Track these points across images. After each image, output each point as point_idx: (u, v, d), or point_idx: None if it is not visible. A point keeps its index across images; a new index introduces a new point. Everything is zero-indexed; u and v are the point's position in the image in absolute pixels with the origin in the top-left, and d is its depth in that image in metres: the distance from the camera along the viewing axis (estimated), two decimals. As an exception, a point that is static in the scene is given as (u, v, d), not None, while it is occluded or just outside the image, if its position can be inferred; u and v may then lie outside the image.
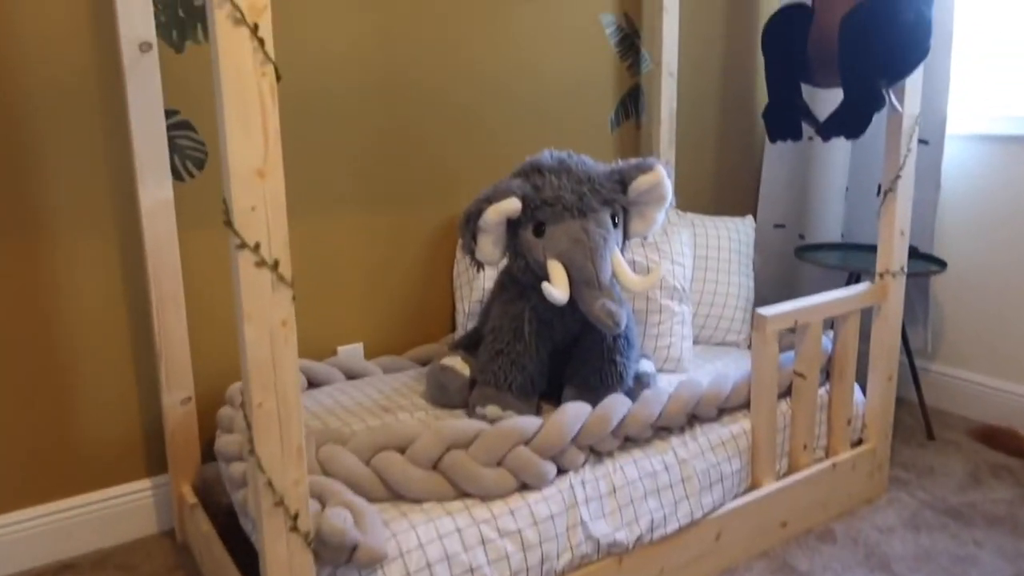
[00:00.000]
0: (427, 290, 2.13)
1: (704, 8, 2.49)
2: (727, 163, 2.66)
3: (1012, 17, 2.31)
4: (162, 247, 1.65)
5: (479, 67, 2.10)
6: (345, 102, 1.92)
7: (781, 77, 1.70)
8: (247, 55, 0.95)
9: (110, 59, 1.63)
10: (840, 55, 1.52)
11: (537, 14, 2.17)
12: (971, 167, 2.35)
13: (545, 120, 2.24)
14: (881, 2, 1.47)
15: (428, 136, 2.05)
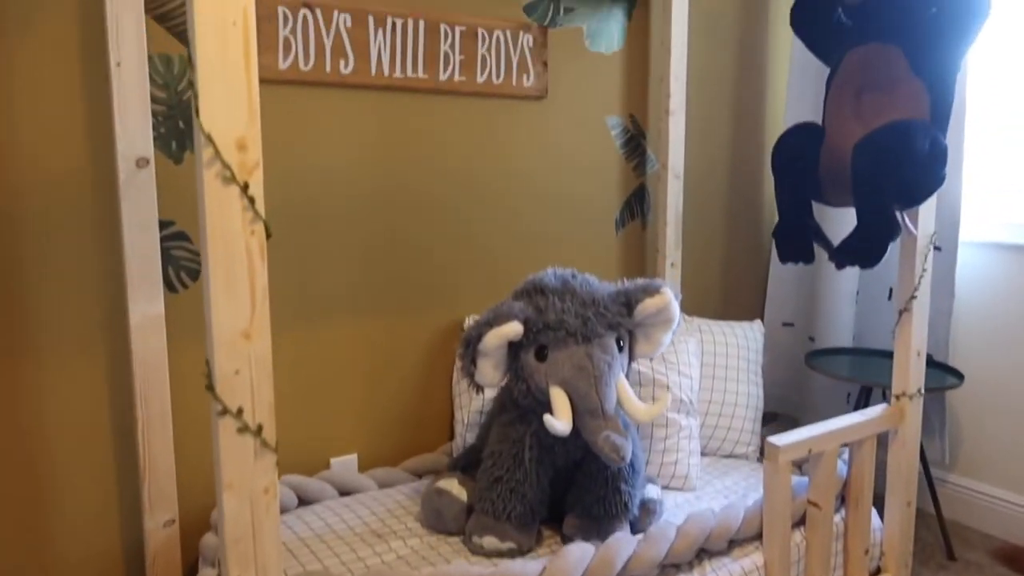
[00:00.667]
0: (425, 398, 2.06)
1: (710, 112, 2.48)
2: (734, 264, 2.61)
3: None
4: (150, 365, 1.59)
5: (481, 172, 2.07)
6: (342, 210, 1.88)
7: (792, 197, 1.66)
8: (236, 214, 0.90)
9: (105, 175, 1.60)
10: (853, 183, 1.48)
11: (542, 117, 2.15)
12: (987, 275, 2.29)
13: (549, 221, 2.20)
14: (895, 131, 1.44)
15: (426, 242, 2.01)
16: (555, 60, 2.15)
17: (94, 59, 1.57)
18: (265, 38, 1.73)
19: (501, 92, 2.05)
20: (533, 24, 2.09)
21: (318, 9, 1.78)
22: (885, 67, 1.53)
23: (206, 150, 0.88)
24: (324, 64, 1.80)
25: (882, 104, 1.52)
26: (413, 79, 1.92)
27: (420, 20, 1.91)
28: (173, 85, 1.65)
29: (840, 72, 1.61)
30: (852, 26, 1.62)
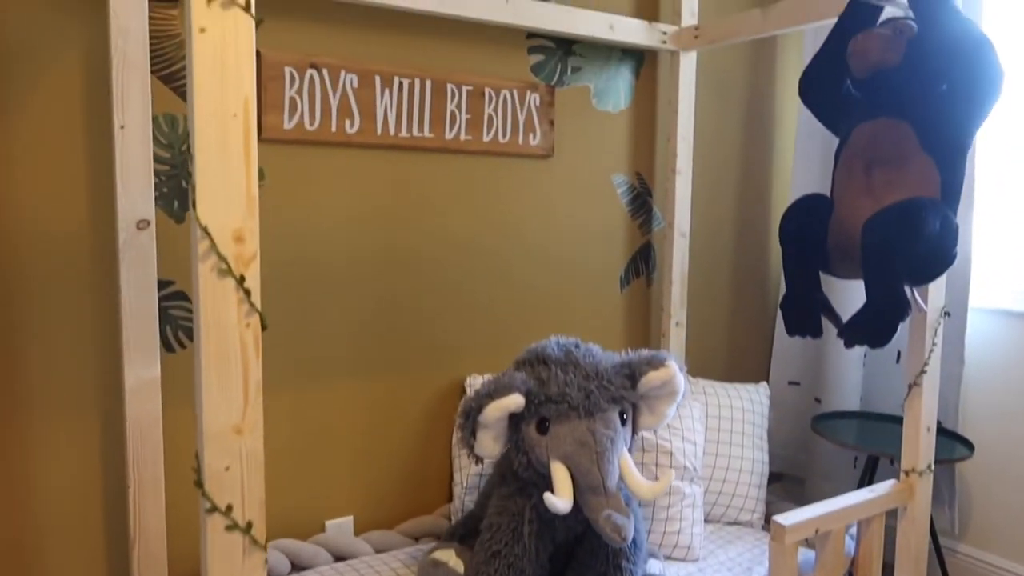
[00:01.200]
0: (423, 459, 2.02)
1: (717, 171, 2.47)
2: (740, 323, 2.58)
3: (1033, 190, 2.27)
4: (144, 429, 1.56)
5: (485, 230, 2.05)
6: (344, 267, 1.86)
7: (799, 269, 1.63)
8: (231, 307, 0.88)
9: (105, 236, 1.58)
10: (863, 261, 1.46)
11: (548, 175, 2.13)
12: (998, 342, 2.26)
13: (552, 279, 2.18)
14: (905, 209, 1.41)
15: (428, 301, 1.99)
16: (562, 119, 2.15)
17: (98, 121, 1.56)
18: (271, 98, 1.72)
19: (507, 151, 2.04)
20: (540, 83, 2.08)
21: (325, 70, 1.78)
22: (895, 143, 1.51)
23: (202, 243, 0.86)
24: (330, 124, 1.79)
25: (892, 180, 1.50)
26: (419, 138, 1.91)
27: (427, 80, 1.90)
28: (177, 145, 1.64)
29: (849, 145, 1.59)
30: (861, 99, 1.60)
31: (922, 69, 1.50)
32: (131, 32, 1.48)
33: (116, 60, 1.47)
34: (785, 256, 1.66)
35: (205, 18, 0.84)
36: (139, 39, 1.49)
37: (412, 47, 1.90)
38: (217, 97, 0.85)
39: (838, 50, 1.64)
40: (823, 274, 1.68)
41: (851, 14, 1.63)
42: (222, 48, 0.85)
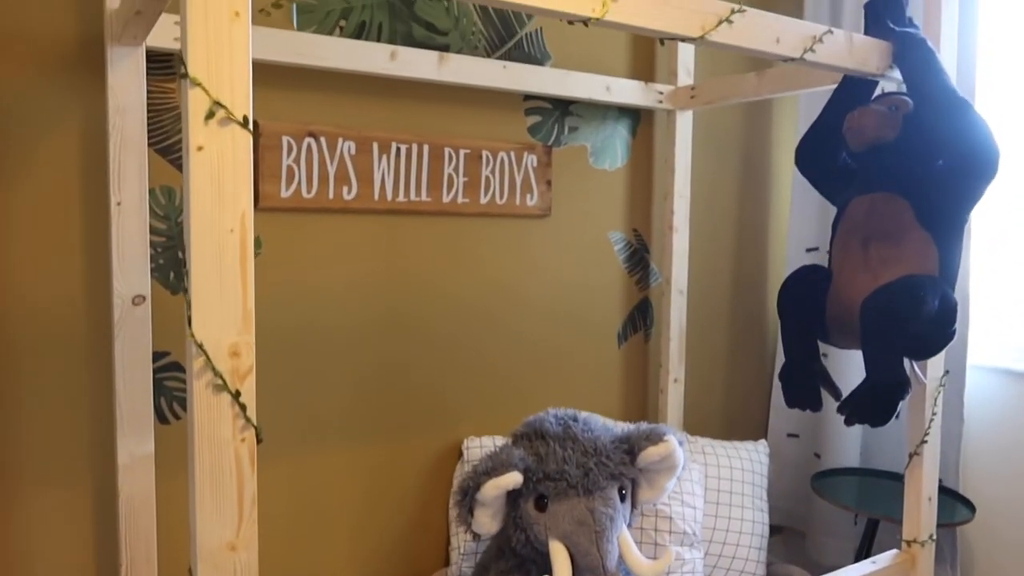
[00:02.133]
0: (421, 522, 2.00)
1: (714, 227, 2.47)
2: (738, 377, 2.57)
3: (1029, 247, 2.27)
4: (137, 505, 1.54)
5: (482, 291, 2.05)
6: (341, 331, 1.85)
7: (798, 340, 1.63)
8: (226, 422, 0.87)
9: (100, 311, 1.58)
10: (862, 339, 1.45)
11: (545, 235, 2.13)
12: (998, 401, 2.25)
13: (550, 337, 2.17)
14: (904, 289, 1.41)
15: (425, 363, 1.98)
16: (559, 178, 2.15)
17: (95, 196, 1.56)
18: (268, 167, 1.72)
19: (505, 212, 2.04)
20: (538, 144, 2.09)
21: (323, 138, 1.78)
22: (892, 217, 1.51)
23: (197, 360, 0.85)
24: (327, 191, 1.79)
25: (890, 256, 1.50)
26: (416, 202, 1.91)
27: (425, 145, 1.91)
28: (173, 216, 1.64)
29: (846, 218, 1.60)
30: (858, 171, 1.61)
31: (918, 145, 1.50)
32: (129, 110, 1.48)
33: (113, 138, 1.47)
34: (783, 328, 1.65)
35: (202, 136, 0.84)
36: (137, 117, 1.49)
37: (410, 113, 1.90)
38: (214, 213, 0.85)
39: (834, 122, 1.64)
40: (822, 343, 1.68)
41: (846, 88, 1.64)
42: (219, 165, 0.85)
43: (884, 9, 1.57)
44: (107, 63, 1.47)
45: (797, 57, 1.38)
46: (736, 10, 1.28)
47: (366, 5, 1.83)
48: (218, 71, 0.84)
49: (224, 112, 0.85)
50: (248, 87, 0.86)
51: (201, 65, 0.84)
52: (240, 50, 0.85)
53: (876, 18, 1.57)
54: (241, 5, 0.85)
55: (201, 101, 0.84)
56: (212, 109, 0.84)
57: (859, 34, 1.48)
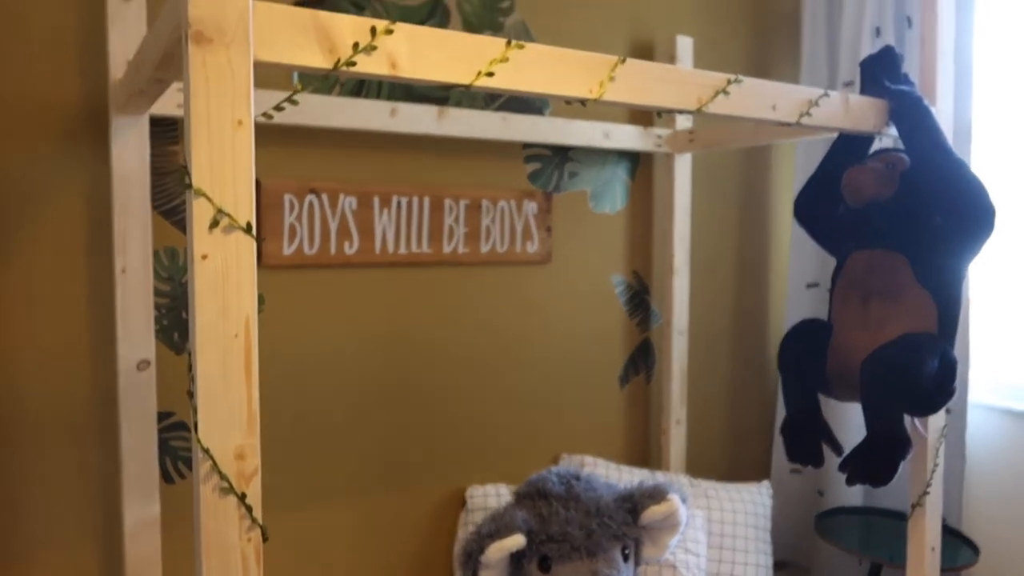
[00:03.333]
0: (425, 574, 2.00)
1: (714, 268, 2.48)
2: (740, 417, 2.58)
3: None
4: (144, 568, 1.55)
5: (483, 339, 2.06)
6: (342, 386, 1.86)
7: (799, 395, 1.63)
8: (233, 523, 0.88)
9: (105, 377, 1.59)
10: (862, 398, 1.46)
11: (545, 280, 2.15)
12: (1000, 440, 2.25)
13: (552, 382, 2.17)
14: (903, 349, 1.42)
15: (427, 414, 1.98)
16: (559, 224, 2.16)
17: (99, 263, 1.57)
18: (271, 226, 1.73)
19: (505, 260, 2.06)
20: (538, 191, 2.10)
21: (324, 194, 1.79)
22: (890, 274, 1.52)
23: (204, 464, 0.86)
24: (329, 246, 1.81)
25: (889, 314, 1.51)
26: (417, 254, 1.92)
27: (425, 197, 1.92)
28: (178, 277, 1.65)
29: (845, 273, 1.60)
30: (856, 225, 1.62)
31: (915, 203, 1.51)
32: (132, 178, 1.49)
33: (117, 206, 1.48)
34: (784, 382, 1.66)
35: (207, 244, 0.85)
36: (140, 184, 1.50)
37: (410, 166, 1.92)
38: (218, 319, 0.86)
39: (832, 176, 1.66)
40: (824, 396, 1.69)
41: (843, 140, 1.65)
42: (224, 272, 0.86)
43: (880, 67, 1.58)
44: (111, 132, 1.48)
45: (794, 122, 1.40)
46: (732, 80, 1.30)
47: (366, 61, 1.85)
48: (221, 180, 0.86)
49: (228, 220, 0.86)
50: (251, 194, 0.87)
51: (204, 175, 0.85)
52: (243, 157, 0.87)
53: (872, 76, 1.59)
54: (244, 113, 0.87)
55: (205, 210, 0.85)
56: (216, 218, 0.85)
57: (855, 94, 1.50)
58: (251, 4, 0.87)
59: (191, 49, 0.84)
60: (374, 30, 0.95)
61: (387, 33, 0.96)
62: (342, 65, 0.94)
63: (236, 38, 0.86)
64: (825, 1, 2.47)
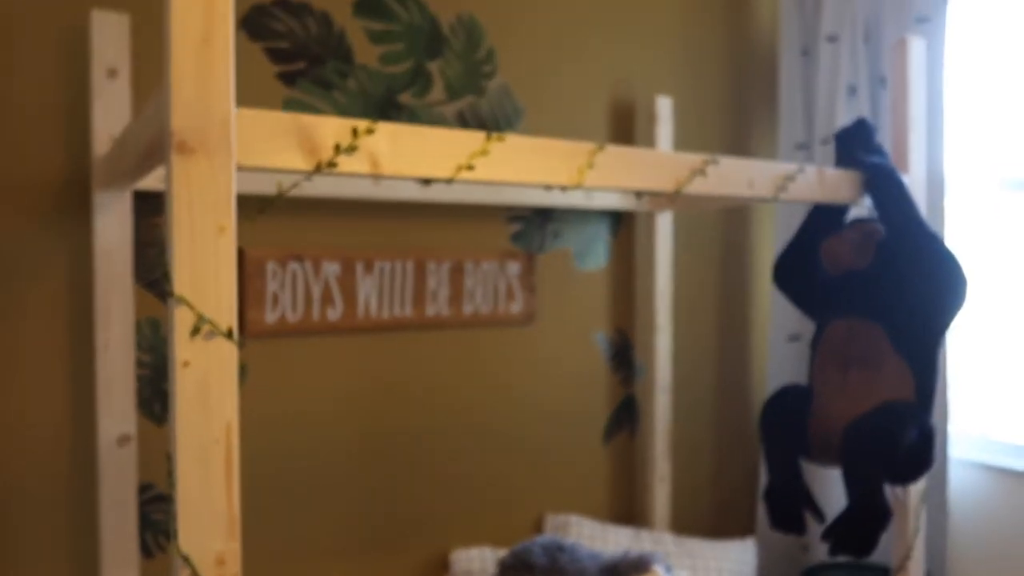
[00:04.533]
0: (410, 639, 1.98)
1: (697, 325, 2.50)
2: (724, 473, 2.58)
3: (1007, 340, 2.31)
4: (122, 647, 1.53)
5: (466, 400, 2.06)
6: (325, 456, 1.85)
7: (781, 460, 1.64)
8: (212, 630, 0.87)
9: (85, 453, 1.58)
10: (842, 469, 1.47)
11: (529, 340, 2.15)
12: (982, 497, 2.27)
13: (537, 440, 2.17)
14: (882, 419, 1.44)
15: (412, 476, 1.98)
16: (542, 282, 2.18)
17: (80, 338, 1.57)
18: (253, 294, 1.74)
19: (488, 321, 2.06)
20: (520, 252, 2.12)
21: (307, 261, 1.80)
22: (869, 344, 1.55)
23: (183, 572, 0.85)
24: (312, 312, 1.81)
25: (868, 383, 1.53)
26: (400, 317, 1.93)
27: (408, 261, 1.93)
28: (159, 348, 1.65)
29: (825, 341, 1.63)
30: (836, 295, 1.64)
31: (891, 273, 1.54)
32: (115, 253, 1.50)
33: (100, 281, 1.49)
34: (766, 449, 1.67)
35: (188, 352, 0.85)
36: (123, 259, 1.50)
37: (393, 231, 1.93)
38: (200, 425, 0.86)
39: (809, 245, 1.68)
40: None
41: (819, 212, 1.68)
42: (205, 378, 0.86)
43: (854, 139, 1.62)
44: (94, 207, 1.49)
45: (770, 197, 1.42)
46: (709, 161, 1.32)
47: (349, 128, 1.87)
48: (203, 286, 0.86)
49: (210, 326, 0.86)
50: (233, 299, 0.88)
51: (187, 283, 0.86)
52: (225, 263, 0.88)
53: (847, 148, 1.62)
54: (226, 219, 0.87)
55: (187, 318, 0.85)
56: (198, 324, 0.86)
57: (830, 168, 1.53)
58: (234, 111, 0.89)
59: (174, 159, 0.85)
60: (355, 131, 0.97)
61: (368, 133, 0.98)
62: (324, 166, 0.95)
63: (219, 146, 0.87)
64: (801, 61, 2.52)
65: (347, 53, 1.87)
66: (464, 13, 2.04)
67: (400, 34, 1.94)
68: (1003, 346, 2.33)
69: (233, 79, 0.88)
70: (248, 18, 1.75)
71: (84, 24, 1.56)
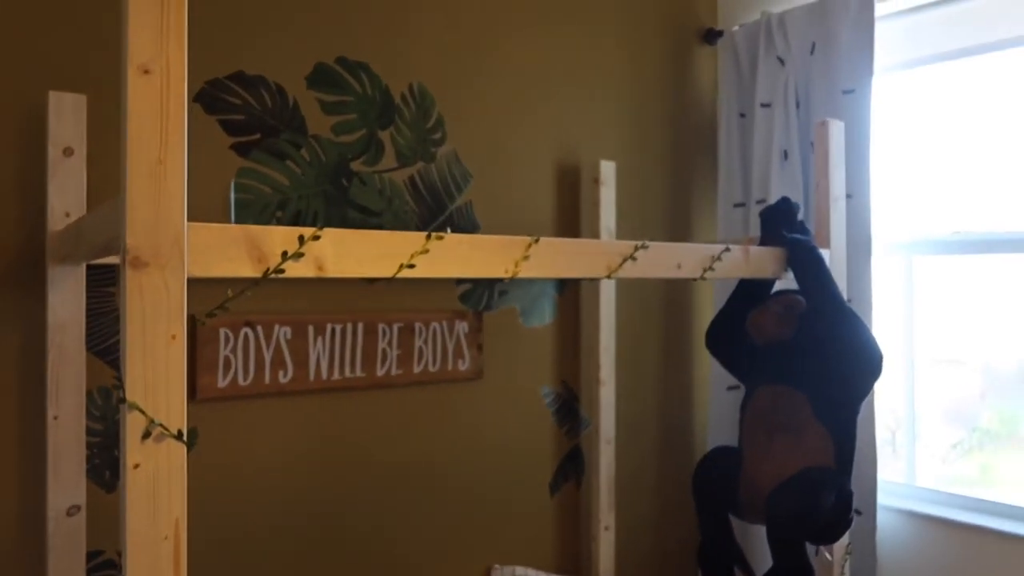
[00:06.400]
0: None
1: (640, 379, 2.59)
2: (669, 521, 2.66)
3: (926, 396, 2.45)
4: None
5: (417, 456, 2.11)
6: (279, 516, 1.89)
7: (712, 521, 1.73)
8: None
9: (33, 524, 1.60)
10: (767, 531, 1.57)
11: (477, 396, 2.22)
12: (910, 543, 2.38)
13: (486, 493, 2.23)
14: (804, 485, 1.54)
15: (365, 533, 2.02)
16: (490, 340, 2.25)
17: (31, 410, 1.59)
18: (206, 360, 1.78)
19: (437, 379, 2.13)
20: (468, 311, 2.19)
21: (259, 326, 1.85)
22: (792, 411, 1.65)
23: (131, 665, 0.90)
24: (263, 376, 1.86)
25: (791, 449, 1.62)
26: (351, 378, 1.98)
27: (359, 323, 1.99)
28: (110, 417, 1.68)
29: (752, 406, 1.73)
30: (763, 362, 1.75)
31: (813, 345, 1.65)
32: (68, 326, 1.53)
33: (52, 354, 1.52)
34: (698, 508, 1.76)
35: (139, 455, 0.91)
36: (76, 332, 1.54)
37: (344, 294, 1.99)
38: (149, 523, 0.91)
39: (737, 314, 1.79)
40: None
41: (746, 285, 1.79)
42: (155, 479, 0.91)
43: (778, 217, 1.73)
44: (48, 281, 1.53)
45: (698, 277, 1.52)
46: (639, 247, 1.41)
47: (302, 195, 1.93)
48: (155, 392, 0.92)
49: (160, 429, 0.92)
50: (183, 401, 0.94)
51: (139, 388, 0.91)
52: (176, 368, 0.93)
53: (771, 225, 1.73)
54: (177, 328, 0.93)
55: (138, 422, 0.91)
56: (148, 429, 0.91)
57: (755, 247, 1.63)
58: (185, 226, 0.95)
59: (128, 273, 0.91)
60: (302, 238, 1.04)
61: (314, 239, 1.05)
62: (271, 273, 1.02)
63: (171, 260, 0.93)
64: (738, 126, 2.66)
65: (301, 124, 1.94)
66: (415, 83, 2.12)
67: (353, 104, 2.02)
68: (927, 398, 2.46)
69: (185, 196, 0.94)
70: (203, 92, 1.81)
71: (42, 103, 1.60)
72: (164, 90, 0.93)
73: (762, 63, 2.57)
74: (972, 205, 2.38)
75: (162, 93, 0.93)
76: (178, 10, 0.94)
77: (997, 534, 2.18)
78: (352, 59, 2.02)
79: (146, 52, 0.93)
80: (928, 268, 2.45)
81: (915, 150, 2.50)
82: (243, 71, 1.87)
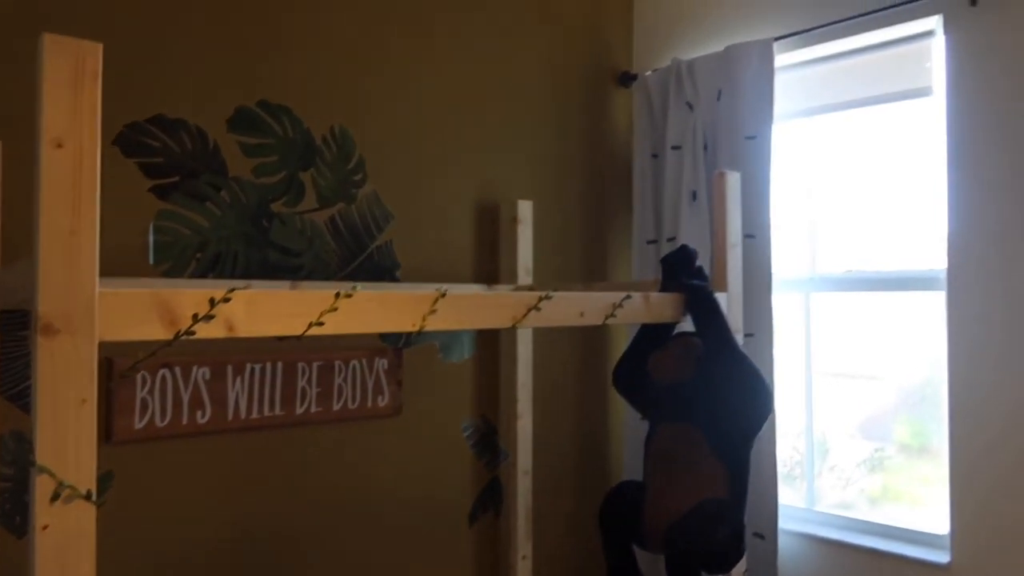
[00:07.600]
0: None
1: (557, 411, 2.67)
2: (586, 549, 2.75)
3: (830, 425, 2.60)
4: None
5: (337, 492, 2.15)
6: (198, 554, 1.90)
7: (617, 551, 1.82)
8: None
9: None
10: (665, 561, 1.66)
11: (397, 431, 2.27)
12: (810, 568, 2.52)
13: (406, 524, 2.28)
14: (699, 519, 1.64)
15: (288, 568, 2.05)
16: (410, 376, 2.31)
17: (-61, 451, 1.58)
18: (122, 401, 1.79)
19: (356, 415, 2.17)
20: (388, 348, 2.25)
21: (177, 367, 1.87)
22: (690, 448, 1.75)
23: None
24: (181, 416, 1.87)
25: (688, 484, 1.73)
26: (270, 417, 2.02)
27: (279, 363, 2.03)
28: (22, 461, 1.68)
29: (654, 443, 1.83)
30: (664, 400, 1.85)
31: (709, 386, 1.76)
32: (-22, 374, 1.53)
33: (-39, 402, 1.52)
34: (604, 539, 1.85)
35: (47, 516, 0.94)
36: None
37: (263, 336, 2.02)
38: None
39: (640, 356, 1.89)
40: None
41: (647, 328, 1.90)
42: (64, 541, 0.95)
43: (677, 264, 1.85)
44: (-43, 328, 1.53)
45: (600, 323, 1.61)
46: (543, 297, 1.50)
47: (222, 237, 1.96)
48: (64, 455, 0.95)
49: (69, 490, 0.95)
50: (93, 463, 0.97)
51: (48, 451, 0.94)
52: (86, 431, 0.97)
53: (671, 272, 1.85)
54: (87, 392, 0.97)
55: (47, 485, 0.94)
56: (57, 491, 0.94)
57: (655, 293, 1.74)
58: (97, 292, 0.99)
59: (39, 340, 0.94)
60: (212, 300, 1.09)
61: (224, 301, 1.10)
62: (182, 335, 1.06)
63: (82, 326, 0.97)
64: (651, 166, 2.79)
65: (221, 166, 1.98)
66: (336, 125, 2.18)
67: (273, 147, 2.06)
68: (827, 426, 2.61)
69: (97, 264, 0.98)
70: (122, 135, 1.83)
71: (-47, 148, 1.60)
72: (77, 163, 0.98)
73: (672, 107, 2.70)
74: (863, 245, 2.55)
75: (75, 166, 0.97)
76: (91, 86, 0.99)
77: (893, 557, 2.32)
78: (274, 102, 2.07)
79: (59, 126, 0.97)
80: (824, 303, 2.62)
81: (813, 193, 2.67)
82: (164, 114, 1.89)
